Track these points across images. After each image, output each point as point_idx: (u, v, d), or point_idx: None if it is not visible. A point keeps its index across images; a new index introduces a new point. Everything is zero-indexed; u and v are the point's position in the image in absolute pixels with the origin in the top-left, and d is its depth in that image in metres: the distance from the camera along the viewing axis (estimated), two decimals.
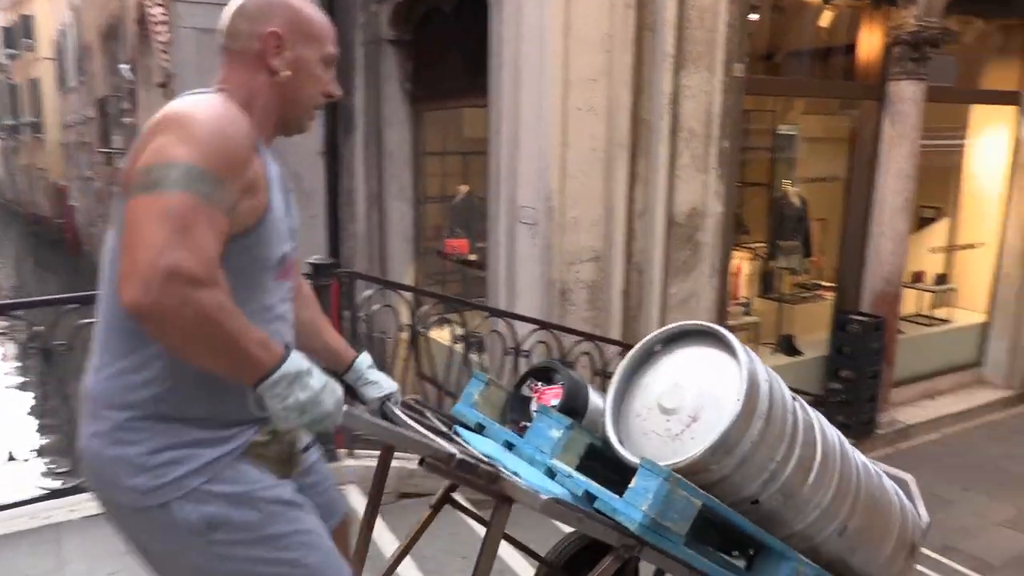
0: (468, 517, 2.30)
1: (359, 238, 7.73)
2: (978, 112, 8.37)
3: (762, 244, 7.91)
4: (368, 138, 7.38)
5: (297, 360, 1.31)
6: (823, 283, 8.06)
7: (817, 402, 5.15)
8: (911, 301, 8.43)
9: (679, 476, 1.62)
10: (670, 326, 2.01)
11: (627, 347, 4.79)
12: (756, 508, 1.80)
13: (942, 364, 8.31)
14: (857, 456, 2.09)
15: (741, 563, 1.99)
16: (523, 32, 4.99)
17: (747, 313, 7.27)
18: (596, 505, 1.66)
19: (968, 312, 8.61)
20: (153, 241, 1.18)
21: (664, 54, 5.10)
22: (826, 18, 6.89)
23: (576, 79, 4.86)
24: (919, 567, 4.75)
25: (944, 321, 8.50)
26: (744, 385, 1.72)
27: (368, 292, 4.07)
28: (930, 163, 7.32)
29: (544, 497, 1.56)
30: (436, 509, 2.07)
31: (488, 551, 1.62)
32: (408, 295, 4.52)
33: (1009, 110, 8.01)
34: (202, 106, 1.34)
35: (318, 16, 1.50)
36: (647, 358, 2.00)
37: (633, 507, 1.59)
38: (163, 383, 1.36)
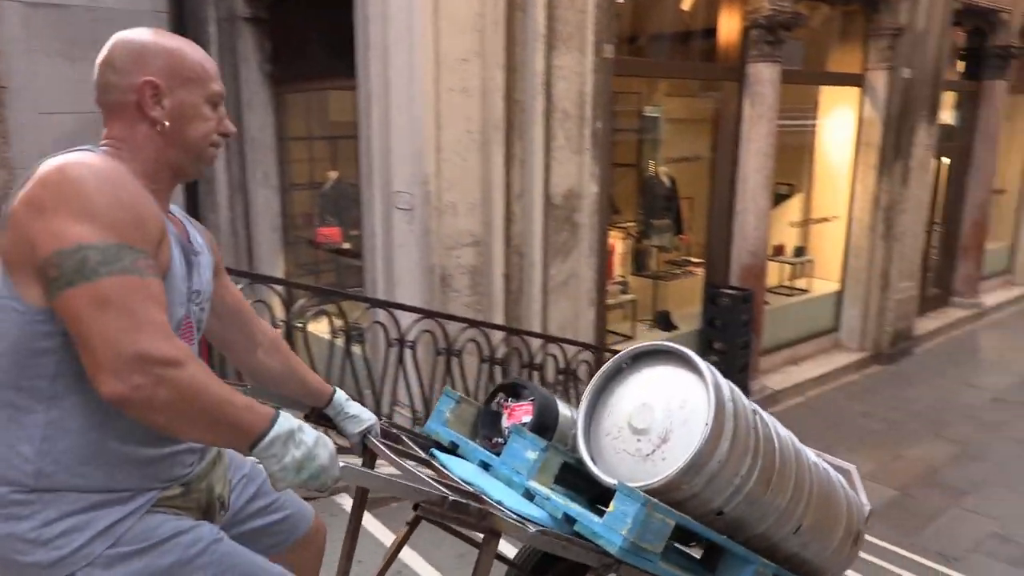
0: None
1: (222, 229, 7.27)
2: (827, 93, 8.89)
3: (634, 223, 8.10)
4: None
5: (287, 418, 1.29)
6: (693, 259, 8.34)
7: None
8: (773, 273, 8.87)
9: (655, 501, 1.66)
10: (636, 346, 2.04)
11: (512, 331, 4.74)
12: (722, 518, 1.86)
13: (803, 331, 8.82)
14: (808, 455, 2.16)
15: (698, 552, 2.12)
16: (390, 11, 4.78)
17: (624, 291, 7.41)
18: (576, 527, 1.70)
19: (824, 282, 9.18)
20: (106, 334, 1.16)
21: (536, 34, 5.04)
22: (687, 1, 7.08)
23: (448, 59, 4.71)
24: None
25: (803, 291, 9.02)
26: (712, 408, 1.76)
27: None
28: (784, 142, 7.70)
29: (532, 530, 1.59)
30: (412, 526, 2.08)
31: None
32: (280, 288, 4.25)
33: (853, 91, 8.56)
34: (82, 170, 1.25)
35: (195, 55, 1.42)
36: (614, 376, 2.03)
37: (613, 531, 1.62)
38: (43, 458, 1.28)
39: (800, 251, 9.05)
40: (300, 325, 3.62)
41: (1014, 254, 12.74)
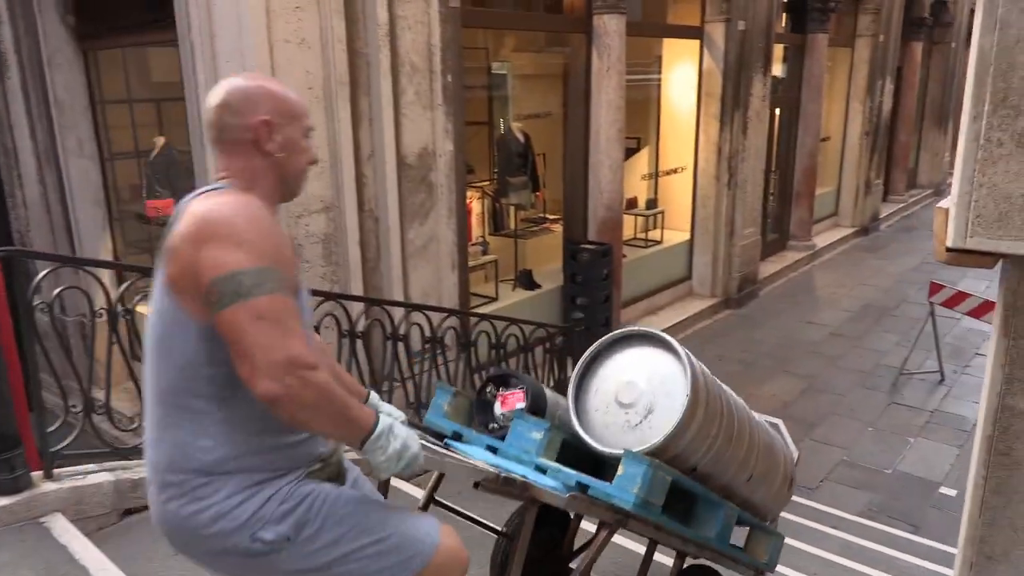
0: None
1: (32, 206, 6.43)
2: (669, 47, 9.05)
3: (490, 182, 7.94)
4: (27, 84, 6.06)
5: (384, 416, 1.55)
6: (551, 216, 8.32)
7: (564, 333, 5.24)
8: (628, 226, 9.04)
9: (658, 461, 1.96)
10: (613, 333, 2.34)
11: (372, 302, 4.46)
12: (695, 473, 2.17)
13: (659, 282, 9.07)
14: (753, 414, 2.46)
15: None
16: None
17: (485, 252, 7.26)
18: (590, 492, 1.96)
19: (676, 232, 9.45)
20: (262, 342, 1.38)
21: None
22: None
23: (279, 7, 4.28)
24: None
25: (657, 242, 9.25)
26: (689, 381, 2.07)
27: (45, 272, 3.25)
28: (631, 97, 7.75)
29: (566, 496, 1.89)
30: (424, 509, 2.29)
31: (522, 546, 1.95)
32: (106, 271, 3.73)
33: (694, 44, 8.75)
34: (230, 206, 1.48)
35: (294, 95, 1.64)
36: (595, 359, 2.31)
37: (626, 490, 1.91)
38: (221, 448, 1.52)
39: (652, 203, 9.26)
40: (127, 311, 3.16)
41: (839, 198, 13.75)
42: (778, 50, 10.36)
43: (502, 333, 4.71)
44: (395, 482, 3.44)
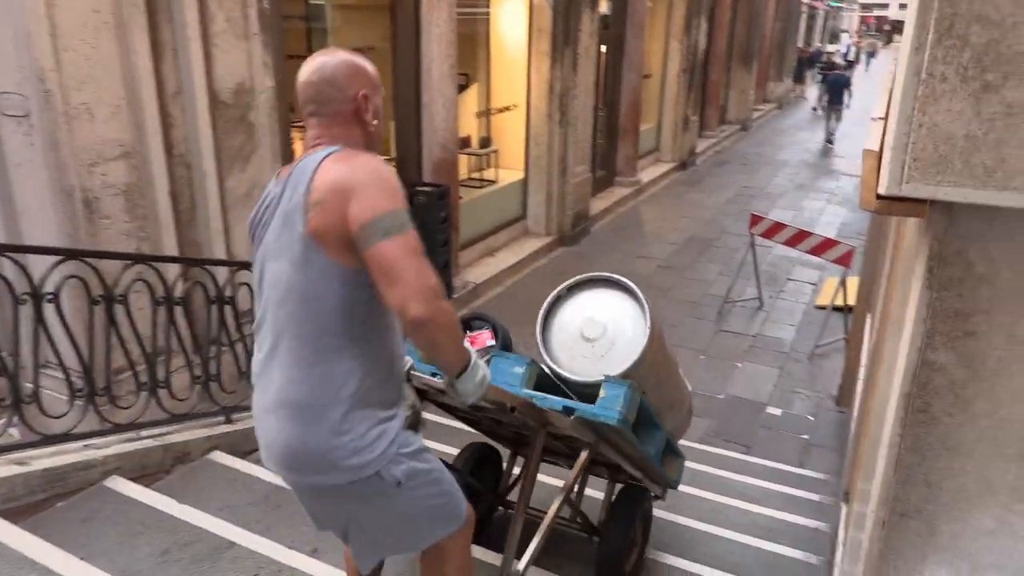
0: None
1: None
2: None
3: None
4: None
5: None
6: (384, 157, 7.85)
7: None
8: (462, 166, 8.80)
9: (633, 383, 2.26)
10: (574, 278, 2.69)
11: (190, 262, 3.94)
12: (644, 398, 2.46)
13: (496, 222, 8.95)
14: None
15: None
16: None
17: None
18: (577, 414, 2.23)
19: (510, 171, 9.34)
20: (415, 269, 1.58)
21: None
22: None
23: None
24: None
25: (492, 182, 9.10)
26: (648, 316, 2.43)
27: None
28: (459, 31, 7.41)
29: (571, 419, 2.20)
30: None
31: (534, 466, 2.28)
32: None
33: None
34: (368, 163, 1.68)
35: (375, 69, 1.83)
36: (556, 303, 2.67)
37: (610, 410, 2.21)
38: (362, 382, 1.71)
39: (486, 142, 9.06)
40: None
41: (660, 134, 14.26)
42: None
43: None
44: None
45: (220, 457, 3.47)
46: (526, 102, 9.04)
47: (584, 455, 2.38)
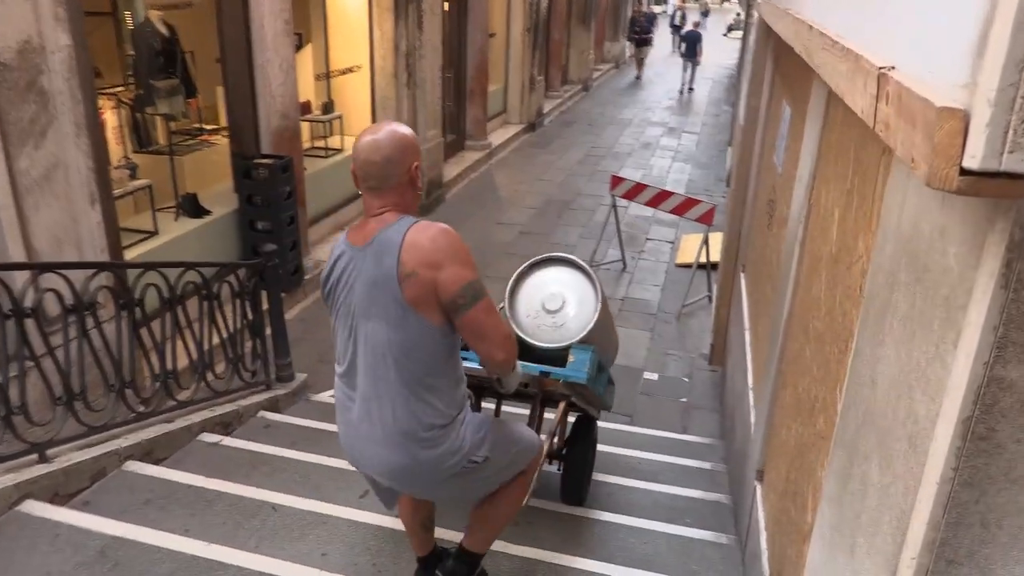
0: None
1: None
2: None
3: (124, 87, 6.38)
4: None
5: None
6: (209, 126, 7.04)
7: (257, 269, 4.35)
8: (304, 134, 8.08)
9: (594, 347, 2.94)
10: (534, 258, 3.21)
11: None
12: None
13: (345, 194, 8.32)
14: None
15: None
16: None
17: (134, 176, 5.86)
18: (552, 376, 2.78)
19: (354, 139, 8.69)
20: (496, 325, 2.05)
21: None
22: None
23: None
24: None
25: (338, 150, 8.42)
26: (599, 289, 3.02)
27: None
28: None
29: (576, 380, 2.81)
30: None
31: (540, 414, 3.13)
32: None
33: None
34: (444, 236, 1.98)
35: (414, 135, 2.10)
36: (520, 280, 3.14)
37: (580, 371, 2.80)
38: (449, 405, 2.12)
39: (328, 107, 8.34)
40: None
41: (507, 95, 13.97)
42: None
43: (177, 281, 3.71)
44: None
45: (35, 508, 2.81)
46: (369, 63, 8.42)
47: (562, 405, 3.10)
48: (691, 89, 19.79)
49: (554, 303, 2.97)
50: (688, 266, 7.62)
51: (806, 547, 1.92)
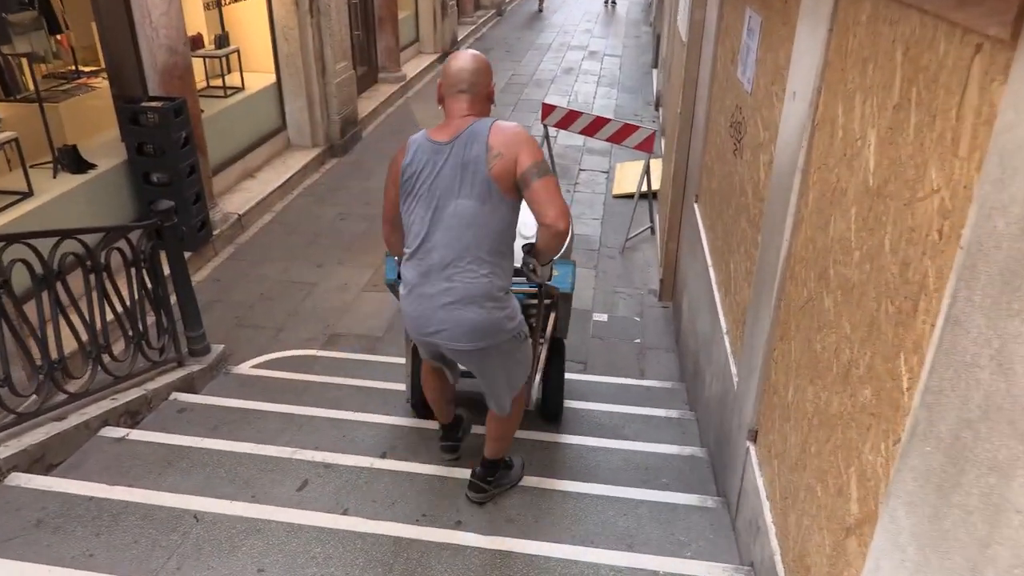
0: None
1: None
2: None
3: None
4: None
5: None
6: (86, 68, 6.17)
7: (155, 233, 3.74)
8: (198, 72, 7.23)
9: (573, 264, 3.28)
10: None
11: None
12: None
13: (250, 137, 7.57)
14: None
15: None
16: None
17: None
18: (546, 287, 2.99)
19: (259, 75, 7.89)
20: (559, 198, 2.35)
21: None
22: None
23: None
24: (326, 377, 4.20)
25: (238, 89, 7.61)
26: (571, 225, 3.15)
27: None
28: None
29: (563, 291, 3.14)
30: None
31: (544, 317, 3.21)
32: None
33: None
34: (519, 130, 2.42)
35: None
36: None
37: (565, 282, 3.13)
38: (508, 275, 2.53)
39: (223, 40, 7.48)
40: None
41: (418, 22, 13.11)
42: None
43: (52, 254, 3.09)
44: None
45: None
46: None
47: (553, 314, 3.37)
48: (614, 3, 20.41)
49: (528, 230, 3.02)
50: (628, 196, 7.28)
51: (851, 542, 1.60)
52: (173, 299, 4.00)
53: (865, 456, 1.55)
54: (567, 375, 4.16)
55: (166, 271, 3.94)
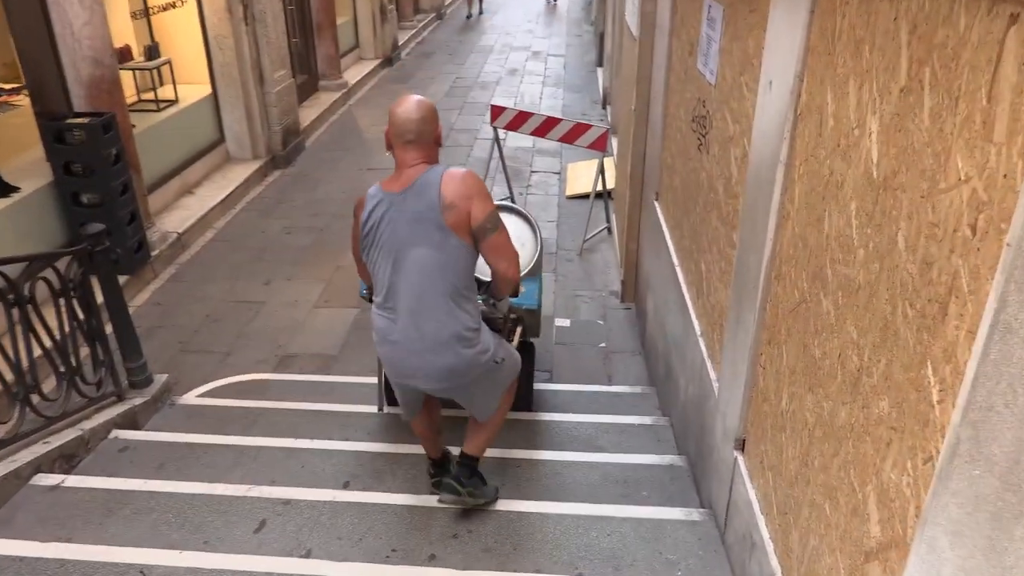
0: None
1: None
2: None
3: None
4: None
5: None
6: (7, 85, 5.78)
7: (85, 258, 3.45)
8: (127, 86, 6.87)
9: (537, 277, 3.62)
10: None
11: None
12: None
13: (187, 151, 7.22)
14: None
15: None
16: None
17: None
18: (513, 304, 3.08)
19: (193, 86, 7.54)
20: (511, 248, 2.55)
21: None
22: None
23: None
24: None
25: (171, 102, 7.26)
26: (539, 232, 3.70)
27: None
28: None
29: (528, 308, 3.40)
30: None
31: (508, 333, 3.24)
32: None
33: None
34: (471, 179, 2.49)
35: None
36: None
37: (531, 299, 3.39)
38: (476, 313, 2.59)
39: (153, 51, 7.12)
40: None
41: (357, 28, 12.82)
42: None
43: None
44: None
45: None
46: None
47: (519, 329, 3.29)
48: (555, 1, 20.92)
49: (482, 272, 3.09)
50: (581, 197, 7.16)
51: (873, 567, 1.46)
52: (109, 328, 3.72)
53: (886, 474, 1.42)
54: (533, 386, 4.01)
55: (100, 299, 3.65)
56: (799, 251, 1.93)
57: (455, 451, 3.03)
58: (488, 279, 2.72)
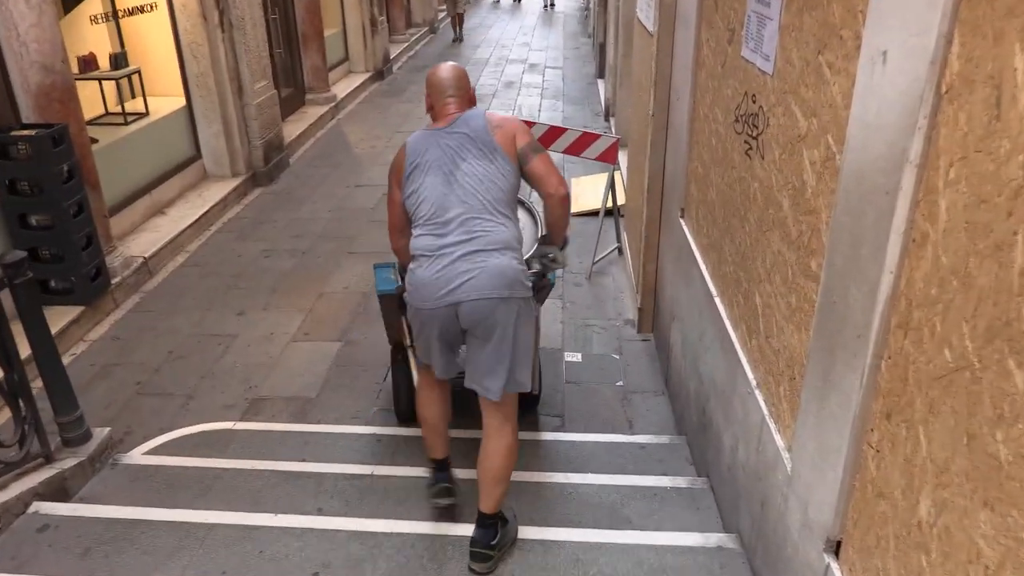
0: None
1: None
2: None
3: None
4: None
5: None
6: None
7: (43, 284, 2.84)
8: (94, 97, 6.29)
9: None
10: None
11: None
12: None
13: (158, 168, 6.62)
14: None
15: None
16: None
17: None
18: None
19: (165, 98, 6.96)
20: (554, 169, 2.67)
21: None
22: None
23: None
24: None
25: (141, 114, 6.67)
26: (536, 213, 3.50)
27: None
28: None
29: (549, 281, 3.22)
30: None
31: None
32: None
33: None
34: (508, 115, 3.01)
35: None
36: None
37: (552, 273, 3.16)
38: (517, 232, 2.65)
39: (121, 60, 6.53)
40: None
41: (347, 40, 12.29)
42: None
43: None
44: None
45: None
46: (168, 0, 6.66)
47: (545, 292, 3.24)
48: (552, 4, 21.91)
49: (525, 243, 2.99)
50: (587, 214, 6.56)
51: None
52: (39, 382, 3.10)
53: None
54: (541, 435, 3.39)
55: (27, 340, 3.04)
56: (950, 292, 1.32)
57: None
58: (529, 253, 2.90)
